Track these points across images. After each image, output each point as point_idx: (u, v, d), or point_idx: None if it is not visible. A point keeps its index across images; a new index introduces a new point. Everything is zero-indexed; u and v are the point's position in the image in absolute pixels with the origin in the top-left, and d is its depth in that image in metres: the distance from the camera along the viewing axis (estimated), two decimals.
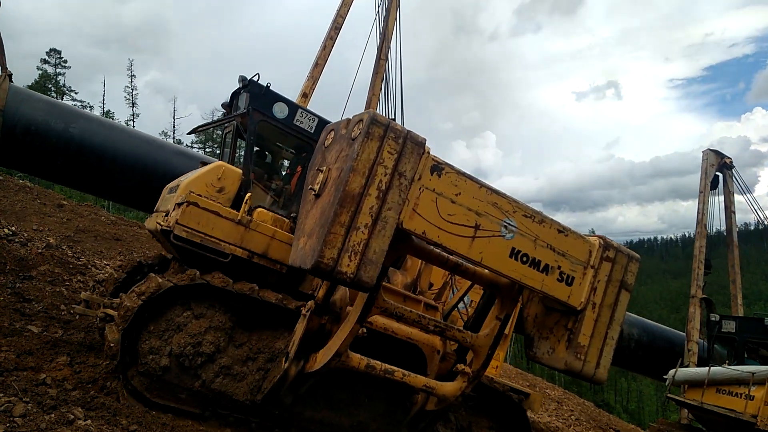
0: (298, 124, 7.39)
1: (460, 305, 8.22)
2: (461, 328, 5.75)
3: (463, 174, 4.86)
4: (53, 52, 50.23)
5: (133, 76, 57.27)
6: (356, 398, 6.50)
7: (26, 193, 18.70)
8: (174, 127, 51.65)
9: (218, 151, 11.33)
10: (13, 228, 14.53)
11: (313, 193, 4.72)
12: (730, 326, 13.67)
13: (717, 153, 17.78)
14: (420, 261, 7.36)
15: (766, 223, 17.15)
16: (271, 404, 5.90)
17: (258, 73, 7.04)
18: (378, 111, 14.64)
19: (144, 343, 5.51)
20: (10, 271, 10.59)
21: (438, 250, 5.46)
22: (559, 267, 5.31)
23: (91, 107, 51.21)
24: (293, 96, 12.06)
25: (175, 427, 5.59)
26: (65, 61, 51.06)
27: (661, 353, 16.11)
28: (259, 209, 6.80)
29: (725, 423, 11.90)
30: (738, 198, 18.03)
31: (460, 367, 5.93)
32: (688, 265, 18.42)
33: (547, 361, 5.61)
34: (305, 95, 12.58)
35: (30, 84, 45.88)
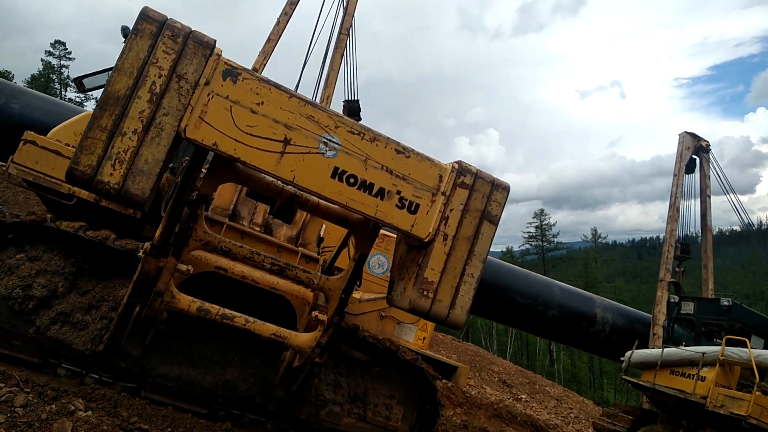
0: None
1: (378, 269, 7.60)
2: (308, 269, 5.12)
3: (268, 82, 4.19)
4: (58, 43, 50.95)
5: None
6: (224, 357, 5.91)
7: None
8: None
9: None
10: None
11: None
12: (688, 307, 12.93)
13: (693, 135, 16.61)
14: (304, 213, 6.76)
15: (743, 217, 16.12)
16: (114, 355, 5.35)
17: None
18: (338, 89, 14.06)
19: None
20: None
21: (270, 178, 4.87)
22: (398, 192, 4.57)
23: (96, 100, 52.34)
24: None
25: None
26: (69, 53, 51.62)
27: (637, 338, 15.05)
28: None
29: (676, 404, 11.03)
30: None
31: (314, 314, 5.29)
32: (690, 264, 17.49)
33: (397, 303, 4.87)
34: (255, 70, 12.19)
35: (33, 75, 46.82)
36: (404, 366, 6.61)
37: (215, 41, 4.01)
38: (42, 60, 51.05)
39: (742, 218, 16.79)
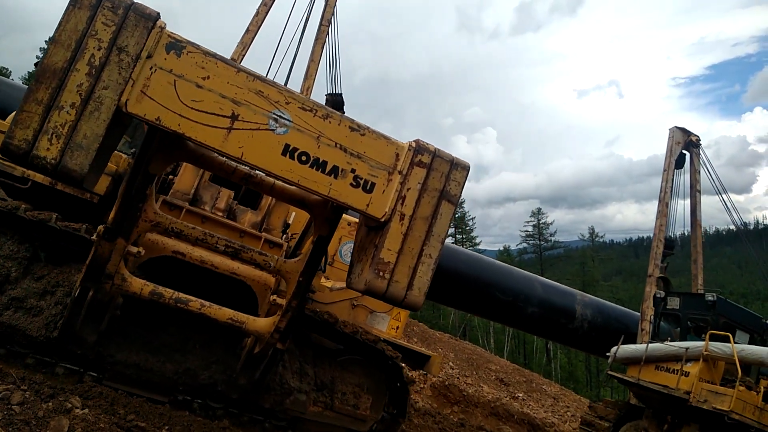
0: None
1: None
2: (263, 251, 5.06)
3: (214, 56, 4.13)
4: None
5: None
6: (185, 344, 5.85)
7: None
8: None
9: None
10: None
11: None
12: (674, 303, 12.91)
13: (683, 130, 16.55)
14: (269, 198, 6.70)
15: (732, 213, 16.11)
16: (69, 342, 5.29)
17: None
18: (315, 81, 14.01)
19: None
20: None
21: (222, 158, 4.81)
22: (353, 170, 4.51)
23: None
24: None
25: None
26: None
27: (616, 335, 15.14)
28: None
29: (660, 399, 11.01)
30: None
31: (272, 298, 5.24)
32: (687, 264, 17.50)
33: (354, 284, 4.82)
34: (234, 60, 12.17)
35: (30, 72, 46.71)
36: (381, 358, 6.55)
37: (158, 13, 3.95)
38: (38, 57, 50.90)
39: (730, 213, 16.76)
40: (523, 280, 15.83)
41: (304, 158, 4.27)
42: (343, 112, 13.88)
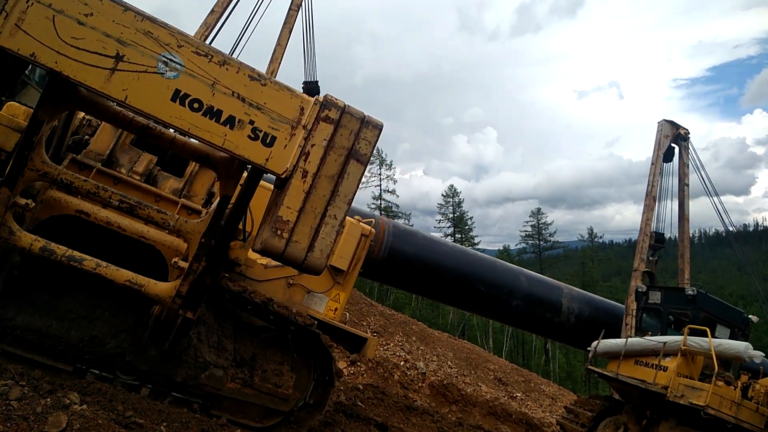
0: None
1: None
2: (162, 209, 5.02)
3: None
4: None
5: None
6: (93, 311, 5.81)
7: None
8: None
9: None
10: None
11: None
12: (655, 297, 13.00)
13: (672, 123, 16.55)
14: (192, 164, 6.66)
15: (725, 219, 16.17)
16: None
17: None
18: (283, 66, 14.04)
19: None
20: None
21: (119, 108, 4.78)
22: (251, 122, 4.46)
23: None
24: None
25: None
26: None
27: (604, 328, 15.22)
28: (11, 103, 6.28)
29: (639, 394, 11.02)
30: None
31: (174, 260, 5.22)
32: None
33: (254, 245, 4.80)
34: None
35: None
36: (304, 334, 6.50)
37: None
38: None
39: (719, 212, 16.77)
40: (507, 273, 15.83)
41: (196, 105, 4.23)
42: None
